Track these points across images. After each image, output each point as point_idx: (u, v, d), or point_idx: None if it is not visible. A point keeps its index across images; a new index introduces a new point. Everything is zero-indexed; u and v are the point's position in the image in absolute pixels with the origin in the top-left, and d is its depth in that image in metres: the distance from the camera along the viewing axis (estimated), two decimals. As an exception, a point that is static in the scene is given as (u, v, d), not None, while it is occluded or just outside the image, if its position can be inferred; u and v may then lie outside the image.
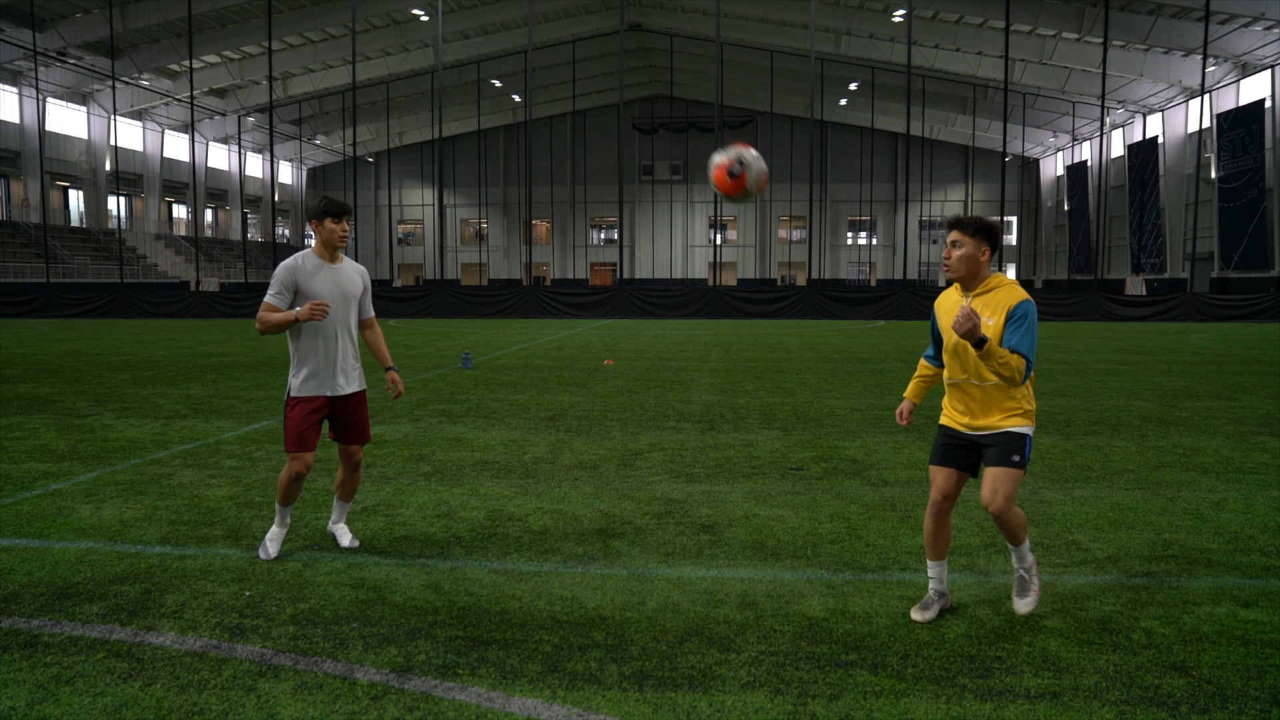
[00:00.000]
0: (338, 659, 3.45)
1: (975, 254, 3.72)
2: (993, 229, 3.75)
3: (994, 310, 3.65)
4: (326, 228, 4.57)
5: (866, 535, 5.10)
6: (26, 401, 10.51)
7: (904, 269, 36.28)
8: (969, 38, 41.62)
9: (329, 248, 4.62)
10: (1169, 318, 30.00)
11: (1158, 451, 7.48)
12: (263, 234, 64.27)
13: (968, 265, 3.73)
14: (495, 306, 34.02)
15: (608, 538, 5.06)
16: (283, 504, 4.68)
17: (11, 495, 5.99)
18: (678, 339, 21.85)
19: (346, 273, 4.68)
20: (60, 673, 3.31)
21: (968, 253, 3.72)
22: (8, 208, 44.49)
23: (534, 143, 60.94)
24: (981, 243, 3.72)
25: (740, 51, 50.09)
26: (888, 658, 3.46)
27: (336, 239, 4.59)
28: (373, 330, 4.93)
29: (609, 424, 8.97)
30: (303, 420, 4.54)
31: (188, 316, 33.58)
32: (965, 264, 3.73)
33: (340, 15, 41.71)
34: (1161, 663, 3.41)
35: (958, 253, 3.73)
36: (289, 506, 4.70)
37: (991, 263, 3.80)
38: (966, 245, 3.72)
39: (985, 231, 3.73)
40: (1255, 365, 14.78)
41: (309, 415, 4.56)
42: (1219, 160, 38.74)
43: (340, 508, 4.95)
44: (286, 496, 4.65)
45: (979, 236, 3.72)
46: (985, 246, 3.73)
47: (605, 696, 3.15)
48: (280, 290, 4.52)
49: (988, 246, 3.74)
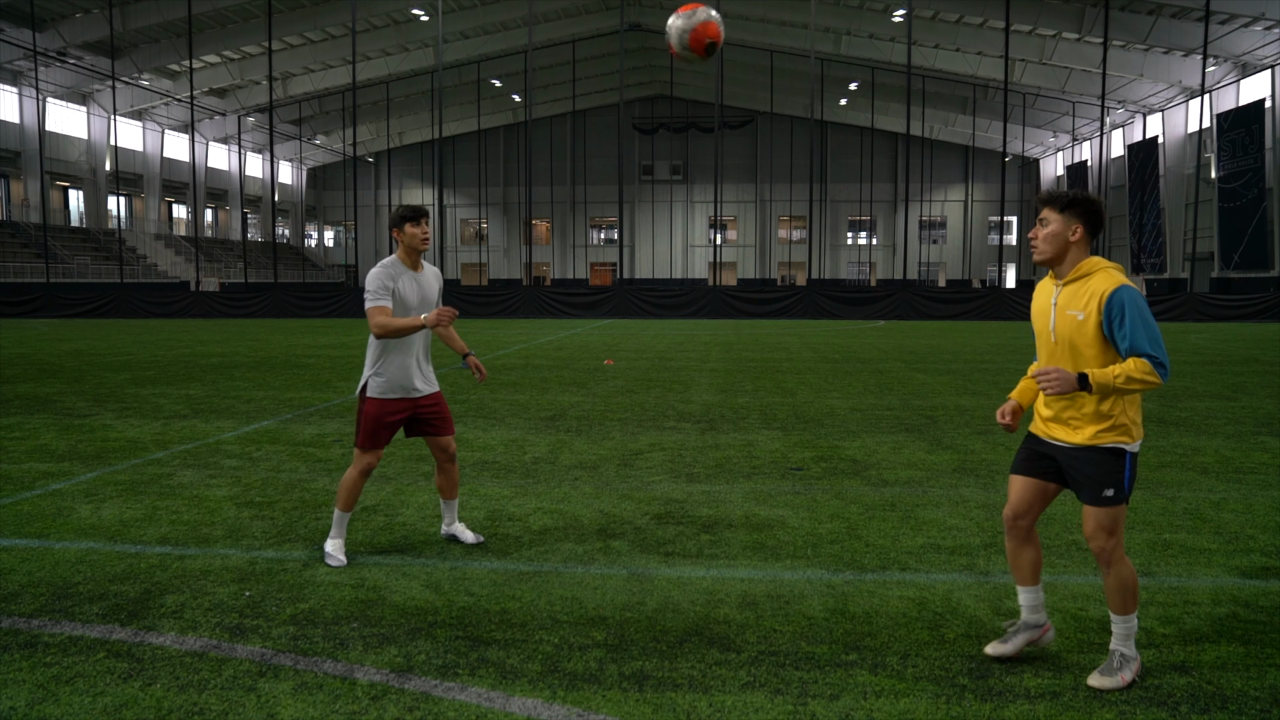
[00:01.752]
0: (338, 659, 3.45)
1: (1064, 233, 3.20)
2: (1088, 204, 3.20)
3: (1085, 301, 3.14)
4: (408, 233, 4.63)
5: (866, 535, 5.09)
6: (26, 401, 10.51)
7: (904, 269, 36.26)
8: (969, 38, 41.63)
9: (412, 253, 4.68)
10: (1169, 318, 30.01)
11: (1158, 451, 7.48)
12: (263, 234, 64.26)
13: (1055, 246, 3.21)
14: (495, 306, 34.03)
15: (608, 538, 5.06)
16: (344, 509, 4.64)
17: (11, 495, 5.99)
18: (678, 339, 21.85)
19: (427, 278, 4.78)
20: (60, 673, 3.31)
21: (1054, 230, 3.20)
22: (8, 208, 44.50)
23: (534, 143, 60.94)
24: (1072, 220, 3.19)
25: (740, 51, 50.08)
26: (888, 658, 3.46)
27: (418, 242, 4.64)
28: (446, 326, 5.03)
29: (609, 424, 8.97)
30: (379, 420, 4.59)
31: (188, 316, 33.59)
32: (1052, 244, 3.21)
33: (340, 15, 41.71)
34: (1161, 663, 3.41)
35: (1044, 231, 3.22)
36: (349, 513, 4.67)
37: (1089, 246, 3.26)
38: (1054, 223, 3.21)
39: (1077, 206, 3.19)
40: (1255, 365, 14.78)
41: (386, 416, 4.61)
42: (1219, 160, 38.74)
43: (450, 508, 4.99)
44: (349, 500, 4.65)
45: (1069, 212, 3.19)
46: (1077, 224, 3.19)
47: (605, 696, 3.15)
48: (383, 292, 4.54)
49: (1079, 225, 3.19)
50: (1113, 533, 3.15)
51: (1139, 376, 2.97)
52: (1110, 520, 3.15)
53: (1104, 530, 3.16)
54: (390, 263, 4.66)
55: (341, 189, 67.41)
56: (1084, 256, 3.23)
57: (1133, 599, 3.22)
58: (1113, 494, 3.14)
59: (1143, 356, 2.99)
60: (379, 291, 4.53)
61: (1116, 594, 3.22)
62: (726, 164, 59.57)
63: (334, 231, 73.82)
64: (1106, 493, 3.14)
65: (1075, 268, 3.21)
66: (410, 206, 4.66)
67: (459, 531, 5.00)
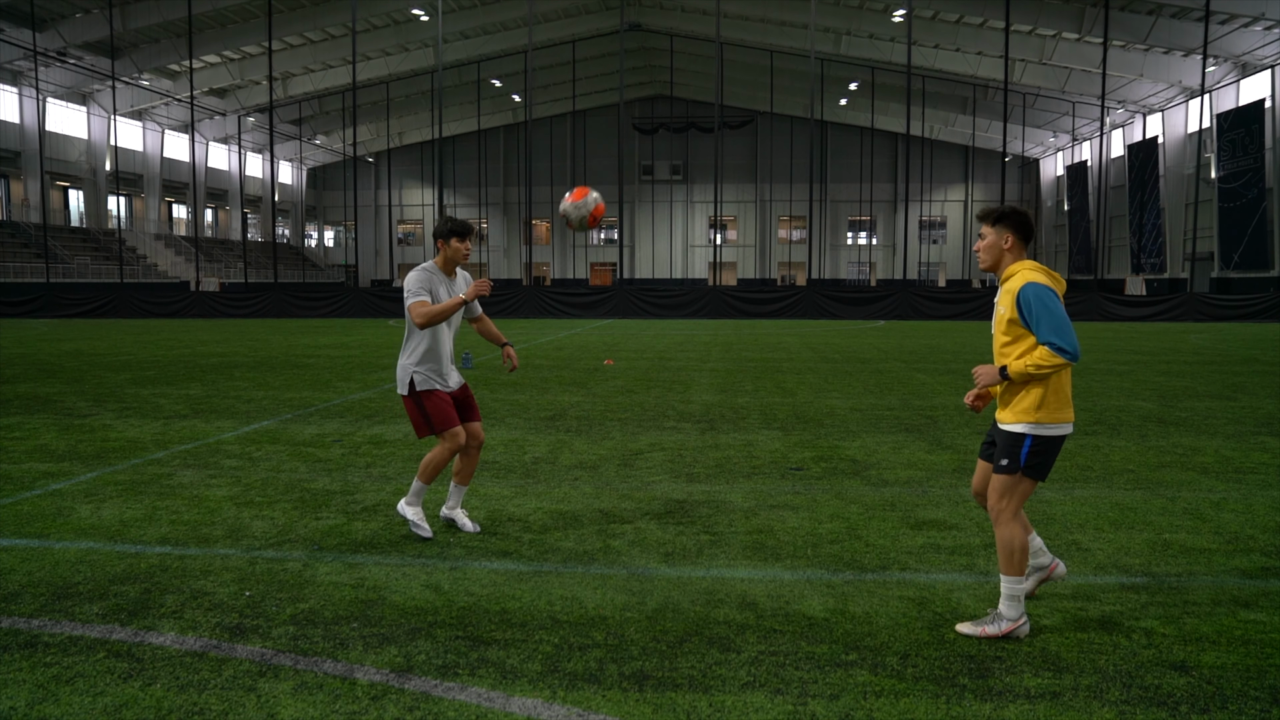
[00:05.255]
0: (338, 659, 3.45)
1: (998, 243, 3.66)
2: (1016, 216, 3.65)
3: (1007, 298, 3.58)
4: (453, 246, 4.96)
5: (866, 535, 5.09)
6: (26, 401, 10.51)
7: (904, 269, 36.26)
8: (969, 38, 41.62)
9: (451, 264, 5.02)
10: (1169, 318, 30.00)
11: (1158, 451, 7.48)
12: (263, 234, 64.26)
13: (992, 255, 3.68)
14: (495, 306, 34.01)
15: (608, 538, 5.06)
16: (427, 482, 4.97)
17: (11, 495, 5.99)
18: (678, 339, 21.85)
19: (459, 285, 5.11)
20: (60, 673, 3.31)
21: (990, 242, 3.68)
22: (8, 208, 44.50)
23: (534, 143, 60.91)
24: (1004, 231, 3.65)
25: (740, 51, 50.09)
26: (888, 658, 3.46)
27: (460, 256, 4.99)
28: (483, 321, 5.33)
29: (609, 424, 8.97)
30: (441, 400, 4.94)
31: (188, 316, 33.58)
32: (989, 253, 3.68)
33: (340, 15, 41.70)
34: (1161, 663, 3.41)
35: (983, 244, 3.70)
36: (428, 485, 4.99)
37: (1024, 252, 3.69)
38: (989, 235, 3.68)
39: (1007, 219, 3.65)
40: (1255, 365, 14.78)
41: (445, 398, 4.97)
42: (1219, 160, 38.73)
43: (459, 493, 5.22)
44: (434, 476, 4.96)
45: (1000, 225, 3.65)
46: (1008, 234, 3.65)
47: (605, 696, 3.15)
48: (423, 291, 4.89)
49: (1010, 234, 3.64)
50: (1003, 496, 3.61)
51: (1045, 362, 3.43)
52: (1001, 485, 3.61)
53: (994, 492, 3.64)
54: (430, 268, 4.98)
55: (341, 189, 67.39)
56: (1014, 261, 3.68)
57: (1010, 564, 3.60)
58: (1006, 464, 3.60)
59: (1046, 345, 3.44)
60: (419, 290, 4.86)
61: (1000, 553, 3.65)
62: (726, 164, 59.58)
63: (334, 231, 73.83)
64: (1003, 461, 3.61)
65: (1006, 270, 3.68)
66: (460, 222, 5.00)
67: (458, 517, 5.20)
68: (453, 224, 4.97)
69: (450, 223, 4.97)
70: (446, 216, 5.13)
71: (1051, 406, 3.54)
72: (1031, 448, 3.56)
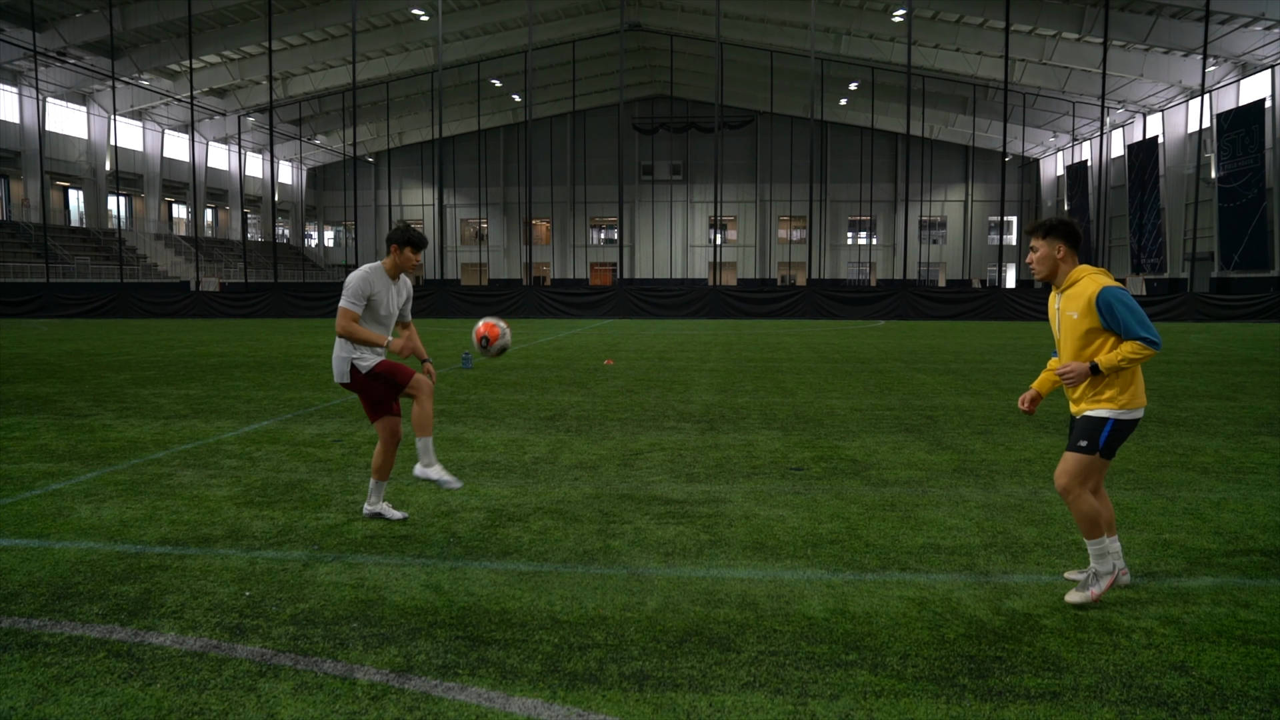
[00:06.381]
0: (338, 659, 3.45)
1: (1051, 253, 3.94)
2: (1062, 226, 3.92)
3: (1076, 304, 3.85)
4: (405, 255, 5.11)
5: (866, 535, 5.09)
6: (26, 401, 10.51)
7: (904, 269, 36.26)
8: (969, 38, 41.62)
9: (398, 270, 5.18)
10: (1169, 318, 30.00)
11: (1158, 451, 7.48)
12: (263, 234, 64.27)
13: (1047, 266, 3.95)
14: (495, 306, 34.02)
15: (608, 538, 5.06)
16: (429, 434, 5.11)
17: (11, 495, 5.99)
18: (678, 339, 21.85)
19: (400, 288, 5.29)
20: (60, 673, 3.31)
21: (1043, 254, 3.95)
22: (8, 208, 44.50)
23: (534, 143, 60.94)
24: (1055, 242, 3.93)
25: (740, 51, 50.08)
26: (888, 658, 3.46)
27: (409, 266, 5.15)
28: (409, 330, 5.50)
29: (609, 424, 8.97)
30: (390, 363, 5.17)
31: (188, 316, 33.59)
32: (1044, 265, 3.95)
33: (340, 15, 41.71)
34: (1161, 663, 3.41)
35: (1035, 256, 3.96)
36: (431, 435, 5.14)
37: (1076, 257, 3.97)
38: (1041, 247, 3.95)
39: (1057, 231, 3.92)
40: (1255, 365, 14.78)
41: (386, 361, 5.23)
42: (1219, 160, 38.73)
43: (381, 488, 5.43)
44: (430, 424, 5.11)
45: (1050, 237, 3.93)
46: (1060, 244, 3.93)
47: (605, 697, 3.15)
48: (357, 298, 5.03)
49: (1062, 244, 3.92)
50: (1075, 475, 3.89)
51: (1137, 354, 3.73)
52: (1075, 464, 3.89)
53: (1067, 473, 3.91)
54: (375, 270, 5.10)
55: (341, 189, 67.39)
56: (1073, 268, 3.96)
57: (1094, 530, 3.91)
58: (1085, 445, 3.88)
59: (1135, 339, 3.74)
60: (355, 298, 5.01)
61: (1081, 525, 3.94)
62: (726, 164, 59.57)
63: (334, 231, 73.82)
64: (1081, 443, 3.89)
65: (1067, 278, 3.95)
66: (416, 234, 5.09)
67: (385, 510, 5.40)
68: (409, 234, 5.06)
69: (407, 232, 5.07)
70: (405, 224, 5.25)
71: (1131, 394, 3.87)
72: (1112, 430, 3.87)
